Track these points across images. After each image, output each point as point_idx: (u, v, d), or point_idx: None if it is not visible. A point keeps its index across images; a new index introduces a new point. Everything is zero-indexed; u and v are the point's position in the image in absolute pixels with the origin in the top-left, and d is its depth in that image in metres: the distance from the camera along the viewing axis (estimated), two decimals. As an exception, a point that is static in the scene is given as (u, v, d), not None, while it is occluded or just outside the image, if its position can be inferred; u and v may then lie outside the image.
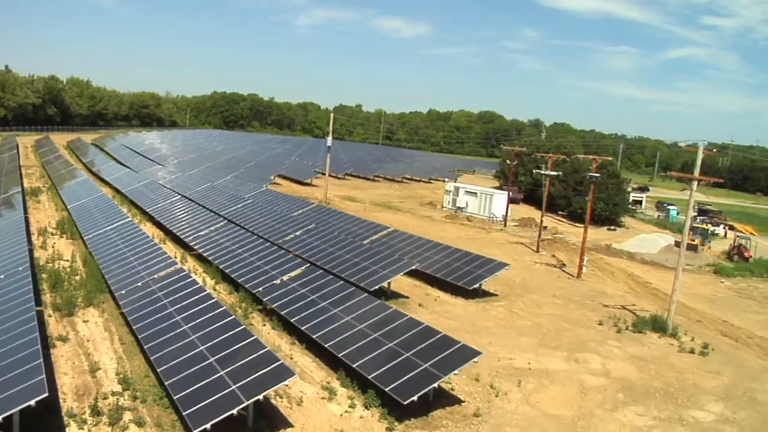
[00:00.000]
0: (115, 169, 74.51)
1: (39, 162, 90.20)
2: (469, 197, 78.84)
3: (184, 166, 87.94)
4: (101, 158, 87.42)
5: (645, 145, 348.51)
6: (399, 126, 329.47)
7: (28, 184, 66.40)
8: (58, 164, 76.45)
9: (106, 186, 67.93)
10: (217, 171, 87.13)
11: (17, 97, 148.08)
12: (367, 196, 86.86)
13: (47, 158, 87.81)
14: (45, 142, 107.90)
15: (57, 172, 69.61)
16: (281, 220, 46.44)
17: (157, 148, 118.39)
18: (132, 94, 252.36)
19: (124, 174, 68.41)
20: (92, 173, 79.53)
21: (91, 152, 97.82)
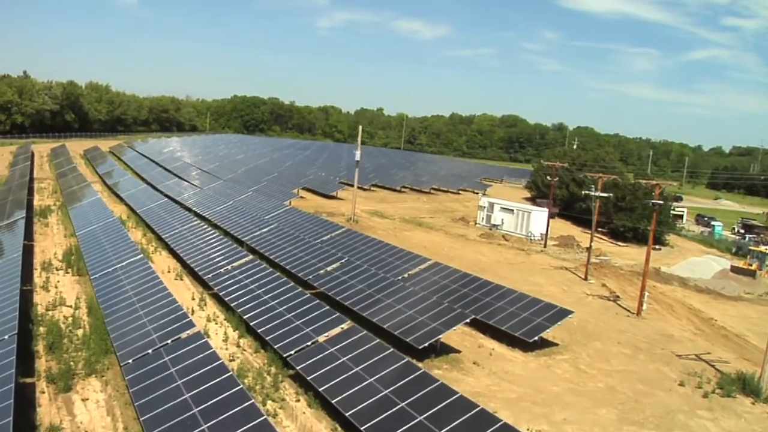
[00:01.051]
0: (131, 183, 70.47)
1: (53, 173, 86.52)
2: (505, 214, 74.15)
3: (204, 179, 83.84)
4: (118, 170, 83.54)
5: (670, 149, 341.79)
6: (421, 130, 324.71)
7: (39, 201, 62.50)
8: (72, 178, 72.56)
9: (121, 203, 63.93)
10: (238, 184, 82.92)
11: (35, 103, 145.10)
12: (395, 211, 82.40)
13: (62, 170, 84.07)
14: (61, 152, 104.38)
15: (70, 187, 65.67)
16: (310, 249, 42.04)
17: (175, 158, 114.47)
18: (151, 99, 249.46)
19: (140, 191, 64.34)
20: (107, 187, 75.67)
21: (107, 163, 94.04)
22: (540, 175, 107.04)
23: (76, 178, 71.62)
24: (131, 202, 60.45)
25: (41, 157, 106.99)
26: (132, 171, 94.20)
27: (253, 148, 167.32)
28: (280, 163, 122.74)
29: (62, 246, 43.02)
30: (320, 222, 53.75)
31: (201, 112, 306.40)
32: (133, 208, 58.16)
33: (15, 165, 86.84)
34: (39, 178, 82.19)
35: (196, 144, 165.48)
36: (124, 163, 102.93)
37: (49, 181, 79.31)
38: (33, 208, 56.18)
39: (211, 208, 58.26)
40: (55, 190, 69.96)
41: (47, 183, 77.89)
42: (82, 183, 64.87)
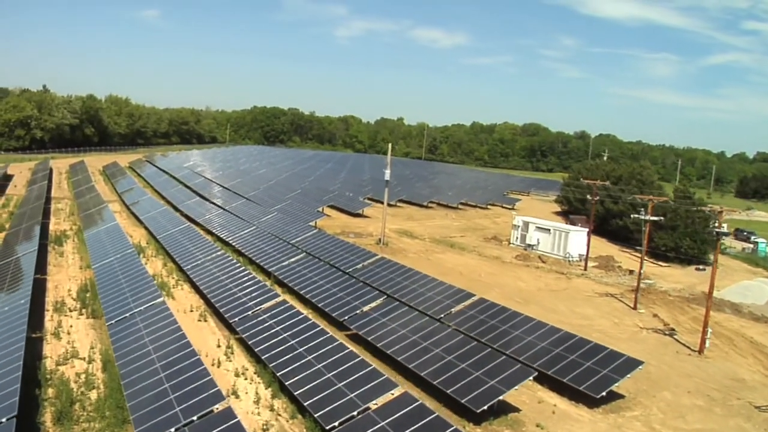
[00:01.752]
0: (150, 204, 67.64)
1: (71, 192, 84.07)
2: (540, 234, 70.58)
3: (226, 197, 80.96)
4: (137, 189, 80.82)
5: (694, 156, 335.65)
6: (442, 140, 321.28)
7: (55, 224, 59.82)
8: (90, 199, 69.90)
9: (141, 226, 61.09)
10: (261, 203, 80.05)
11: (54, 118, 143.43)
12: (424, 230, 79.09)
13: (79, 188, 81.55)
14: (79, 168, 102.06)
15: (87, 210, 62.95)
16: (343, 283, 38.86)
17: (196, 173, 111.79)
18: (171, 111, 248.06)
19: (160, 213, 61.45)
20: (126, 207, 73.02)
21: (126, 180, 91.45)
22: (571, 189, 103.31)
23: (94, 199, 68.92)
24: (151, 226, 57.55)
25: (60, 174, 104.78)
26: (151, 188, 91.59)
27: (274, 161, 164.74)
28: (303, 177, 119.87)
29: (77, 280, 40.07)
30: (350, 248, 50.48)
31: (221, 124, 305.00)
32: (152, 233, 55.24)
33: (33, 183, 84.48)
34: (56, 197, 79.73)
35: (217, 157, 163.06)
36: (143, 180, 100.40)
37: (66, 201, 76.79)
38: (48, 234, 53.45)
39: (235, 233, 55.22)
40: (72, 212, 67.34)
41: (64, 203, 75.36)
42: (100, 205, 62.09)
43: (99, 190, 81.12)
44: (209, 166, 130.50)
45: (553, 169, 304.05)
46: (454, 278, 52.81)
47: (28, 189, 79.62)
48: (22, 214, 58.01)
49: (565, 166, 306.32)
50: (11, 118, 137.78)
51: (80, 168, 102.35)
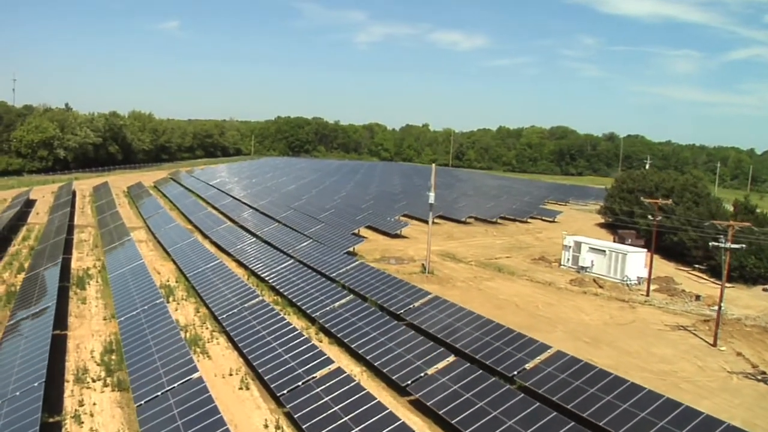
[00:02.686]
0: (178, 233, 63.60)
1: (95, 218, 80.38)
2: (595, 255, 65.54)
3: (257, 220, 76.92)
4: (163, 214, 76.93)
5: (726, 155, 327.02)
6: (469, 145, 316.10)
7: (78, 261, 55.86)
8: (114, 228, 66.01)
9: (168, 259, 57.00)
10: (294, 224, 76.03)
11: (77, 137, 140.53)
12: (467, 251, 74.43)
13: (103, 215, 77.80)
14: (103, 191, 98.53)
15: (111, 243, 58.97)
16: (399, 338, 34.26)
17: (224, 192, 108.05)
18: (195, 124, 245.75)
19: (189, 245, 57.30)
20: (152, 234, 69.12)
21: (151, 203, 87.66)
22: (616, 200, 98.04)
23: (118, 228, 65.00)
24: (179, 260, 53.39)
25: (83, 197, 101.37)
26: (178, 211, 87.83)
27: (301, 174, 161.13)
28: (333, 192, 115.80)
29: (101, 336, 35.85)
30: (399, 285, 45.93)
31: (245, 135, 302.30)
32: (182, 269, 51.01)
33: (55, 211, 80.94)
34: (80, 225, 76.12)
35: (243, 172, 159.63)
36: (169, 202, 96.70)
37: (90, 230, 73.07)
38: (70, 275, 49.48)
39: (271, 267, 50.89)
40: (96, 243, 63.50)
41: (88, 232, 71.64)
42: (125, 237, 58.03)
43: (123, 216, 77.45)
44: (236, 182, 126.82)
45: (583, 173, 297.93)
46: (511, 313, 48.35)
47: (50, 217, 76.01)
48: (41, 252, 54.12)
49: (595, 169, 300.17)
50: (34, 138, 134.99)
51: (104, 190, 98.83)
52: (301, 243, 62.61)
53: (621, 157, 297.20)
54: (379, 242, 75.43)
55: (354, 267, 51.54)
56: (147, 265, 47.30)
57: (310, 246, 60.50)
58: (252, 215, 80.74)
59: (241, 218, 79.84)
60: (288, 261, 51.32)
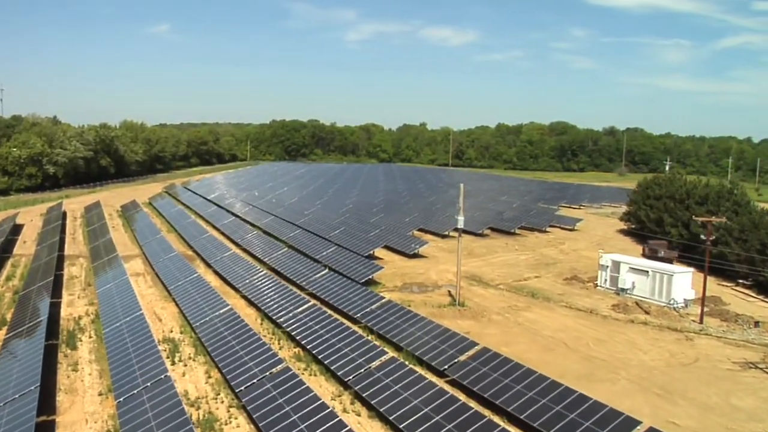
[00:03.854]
0: (179, 267, 57.54)
1: (87, 246, 74.20)
2: (636, 276, 59.60)
3: (263, 244, 71.02)
4: (161, 240, 70.86)
5: (728, 146, 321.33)
6: (468, 144, 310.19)
7: (68, 306, 49.67)
8: (108, 262, 60.01)
9: (170, 300, 50.91)
10: (304, 247, 70.37)
11: (67, 151, 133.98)
12: (492, 270, 68.67)
13: (96, 243, 71.68)
14: (95, 213, 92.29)
15: (105, 282, 52.86)
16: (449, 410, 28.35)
17: (224, 208, 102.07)
18: (189, 132, 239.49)
19: (192, 282, 51.19)
20: (150, 265, 63.06)
21: (148, 225, 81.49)
22: (641, 206, 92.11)
23: (113, 262, 59.02)
24: (183, 303, 47.30)
25: (74, 220, 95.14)
26: (176, 234, 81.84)
27: (303, 182, 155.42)
28: (338, 203, 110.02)
29: (96, 423, 29.72)
30: (436, 331, 40.05)
31: (240, 140, 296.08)
32: (186, 316, 44.91)
33: (43, 239, 74.83)
34: (71, 255, 70.02)
35: (241, 182, 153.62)
36: (167, 222, 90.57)
37: (82, 261, 66.97)
38: (59, 329, 43.34)
39: (287, 309, 44.87)
40: (89, 281, 57.34)
41: (80, 264, 65.55)
42: (121, 277, 51.92)
43: (117, 241, 71.68)
44: (236, 196, 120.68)
45: (585, 168, 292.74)
46: (562, 355, 42.53)
47: (38, 248, 69.89)
48: (26, 298, 47.98)
49: (597, 165, 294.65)
50: (21, 155, 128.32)
51: (96, 212, 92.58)
52: (315, 273, 56.64)
53: (624, 152, 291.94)
54: (396, 264, 69.54)
55: (381, 306, 45.54)
56: (146, 315, 41.22)
57: (327, 278, 54.49)
58: (257, 238, 74.64)
59: (245, 241, 73.87)
60: (306, 302, 45.23)
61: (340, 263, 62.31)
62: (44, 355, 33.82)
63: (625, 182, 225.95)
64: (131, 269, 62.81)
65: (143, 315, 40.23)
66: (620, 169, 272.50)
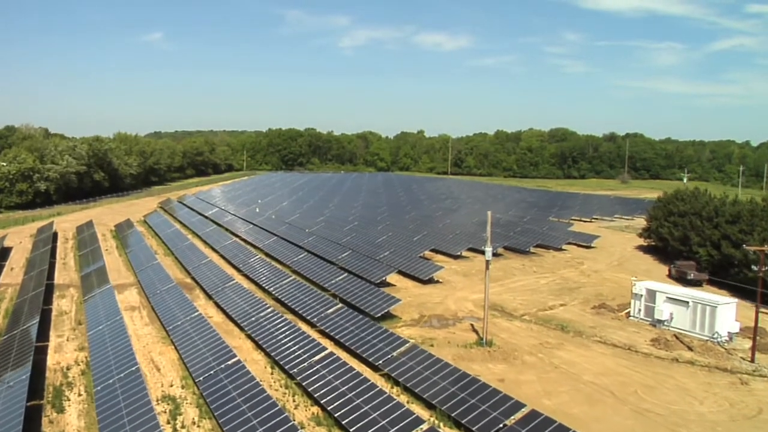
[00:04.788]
0: (177, 301, 52.66)
1: (78, 273, 69.34)
2: (674, 307, 54.91)
3: (268, 272, 66.02)
4: (157, 267, 65.98)
5: (730, 151, 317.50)
6: (467, 151, 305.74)
7: (56, 354, 44.63)
8: (101, 295, 55.10)
9: (169, 343, 46.06)
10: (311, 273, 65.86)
11: (58, 166, 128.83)
12: (513, 298, 63.99)
13: (87, 271, 66.84)
14: (87, 235, 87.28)
15: (97, 321, 48.02)
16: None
17: (223, 227, 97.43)
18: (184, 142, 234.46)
19: (193, 324, 46.29)
20: (147, 298, 58.21)
21: (143, 249, 76.63)
22: (662, 222, 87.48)
23: (105, 296, 54.12)
24: (184, 351, 42.41)
25: (65, 241, 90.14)
26: (173, 258, 77.14)
27: (303, 196, 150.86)
28: (341, 220, 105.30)
29: None
30: (474, 387, 35.23)
31: (236, 150, 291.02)
32: (187, 366, 40.03)
33: (32, 265, 69.97)
34: (61, 285, 65.17)
35: (239, 196, 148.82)
36: (163, 244, 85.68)
37: (72, 293, 62.07)
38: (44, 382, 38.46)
39: (300, 357, 40.06)
40: (79, 320, 52.38)
41: (70, 297, 60.65)
42: (114, 317, 47.06)
43: (111, 267, 67.49)
44: (235, 212, 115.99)
45: (585, 176, 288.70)
46: (611, 409, 37.80)
47: (26, 277, 65.01)
48: (9, 343, 43.06)
49: (598, 171, 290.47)
50: (11, 170, 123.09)
51: (88, 233, 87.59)
52: (326, 306, 51.85)
53: (626, 160, 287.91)
54: (410, 291, 64.83)
55: (404, 353, 40.77)
56: (142, 368, 36.45)
57: (340, 314, 49.68)
58: (260, 263, 69.72)
59: (248, 267, 69.05)
60: (321, 348, 40.40)
61: (351, 293, 57.59)
62: (24, 421, 29.16)
63: (629, 190, 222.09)
64: (126, 302, 58.09)
65: (138, 369, 35.43)
66: (623, 176, 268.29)
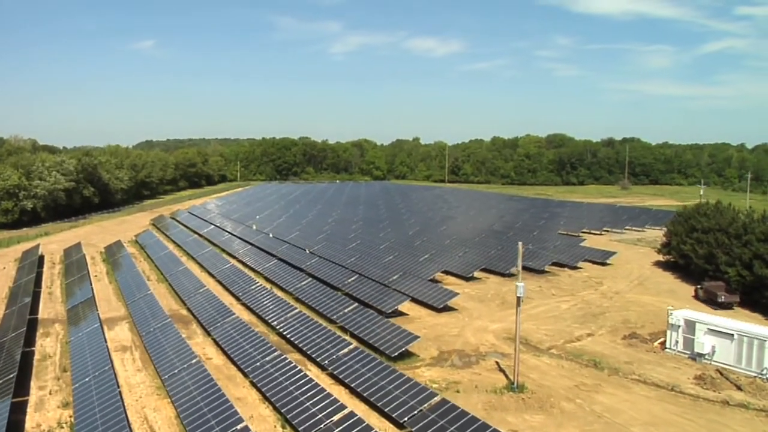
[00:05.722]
0: (173, 345, 47.55)
1: (64, 306, 64.16)
2: (717, 339, 50.09)
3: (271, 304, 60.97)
4: (150, 299, 60.88)
5: (729, 155, 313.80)
6: (464, 159, 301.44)
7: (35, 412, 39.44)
8: (87, 336, 50.03)
9: (164, 394, 41.03)
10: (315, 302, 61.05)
11: (46, 183, 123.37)
12: (536, 327, 59.09)
13: (74, 305, 61.64)
14: (75, 260, 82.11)
15: (83, 371, 42.98)
16: None
17: (219, 247, 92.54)
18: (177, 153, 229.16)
19: (192, 375, 41.20)
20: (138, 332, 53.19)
21: (134, 277, 71.53)
22: (682, 237, 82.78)
23: (93, 336, 49.12)
24: (182, 408, 37.35)
25: (52, 267, 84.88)
26: (167, 285, 72.07)
27: (300, 209, 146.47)
28: (343, 238, 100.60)
29: None
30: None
31: (229, 160, 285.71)
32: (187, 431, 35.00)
33: (15, 297, 64.85)
34: (45, 320, 60.05)
35: (234, 210, 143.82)
36: (156, 269, 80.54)
37: (58, 329, 56.94)
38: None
39: (315, 416, 35.10)
40: (64, 366, 47.15)
41: (54, 335, 55.50)
42: (103, 366, 42.05)
43: (100, 297, 63.34)
44: (231, 229, 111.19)
45: (584, 182, 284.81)
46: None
47: (6, 312, 59.91)
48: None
49: (597, 177, 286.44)
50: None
51: (76, 258, 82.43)
52: (337, 347, 46.88)
53: (627, 166, 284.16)
54: (424, 321, 59.99)
55: (434, 408, 35.87)
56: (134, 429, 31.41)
57: (354, 357, 44.73)
58: (261, 291, 64.63)
59: (248, 296, 64.07)
60: (339, 407, 35.41)
61: (363, 327, 52.73)
62: None
63: (630, 197, 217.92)
64: (116, 339, 53.12)
65: (131, 441, 30.35)
66: (623, 182, 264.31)
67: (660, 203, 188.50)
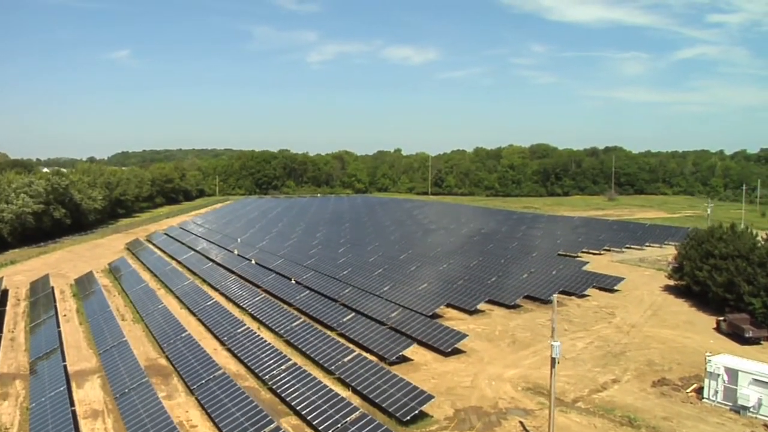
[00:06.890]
0: (150, 411, 41.10)
1: (27, 357, 57.15)
2: (763, 390, 44.62)
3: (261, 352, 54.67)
4: (123, 347, 54.25)
5: (713, 163, 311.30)
6: (447, 170, 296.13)
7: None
8: (52, 399, 43.37)
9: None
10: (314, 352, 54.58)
11: (13, 206, 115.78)
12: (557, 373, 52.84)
13: (40, 354, 54.83)
14: (42, 296, 75.09)
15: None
16: None
17: (200, 276, 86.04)
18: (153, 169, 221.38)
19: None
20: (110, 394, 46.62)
21: (106, 320, 64.72)
22: (696, 262, 77.37)
23: (57, 401, 42.47)
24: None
25: (17, 304, 77.63)
26: (144, 326, 65.37)
27: (283, 228, 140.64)
28: (333, 263, 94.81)
29: None
30: None
31: (207, 174, 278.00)
32: None
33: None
34: (5, 375, 53.14)
35: (216, 231, 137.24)
36: (131, 305, 73.79)
37: (18, 388, 50.02)
38: None
39: None
40: (23, 440, 40.58)
41: (14, 396, 48.54)
42: None
43: (69, 343, 57.10)
44: (214, 255, 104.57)
45: (569, 192, 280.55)
46: None
47: (-38, 367, 52.95)
48: None
49: (582, 188, 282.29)
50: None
51: (43, 294, 75.43)
52: (341, 413, 40.65)
53: (613, 176, 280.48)
54: (432, 368, 53.93)
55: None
56: None
57: (361, 425, 38.55)
58: (249, 336, 58.13)
59: (235, 342, 57.55)
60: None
61: (367, 382, 46.63)
62: None
63: (618, 208, 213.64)
64: (86, 402, 46.53)
65: None
66: (609, 193, 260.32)
67: (650, 215, 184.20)
